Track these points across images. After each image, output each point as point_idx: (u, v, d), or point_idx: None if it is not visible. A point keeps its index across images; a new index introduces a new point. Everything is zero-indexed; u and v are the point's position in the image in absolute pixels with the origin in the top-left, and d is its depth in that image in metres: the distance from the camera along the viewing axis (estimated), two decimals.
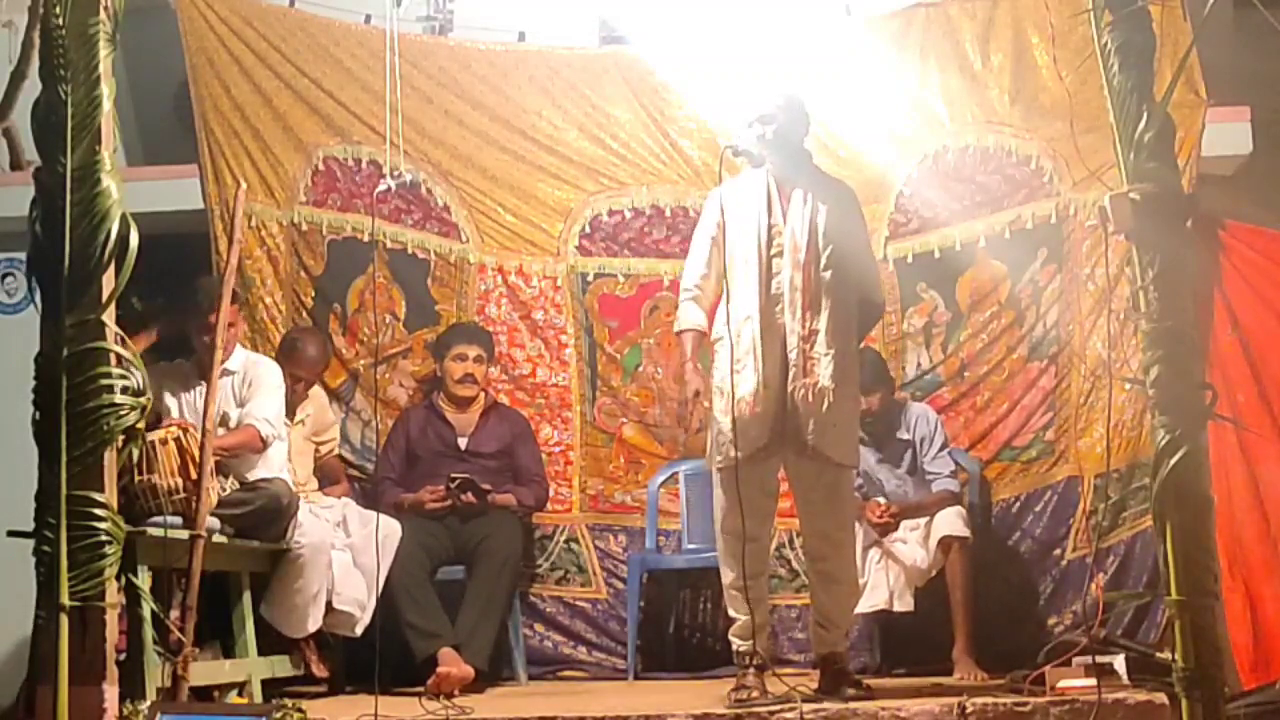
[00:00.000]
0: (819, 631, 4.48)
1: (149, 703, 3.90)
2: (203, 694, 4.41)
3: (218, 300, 4.50)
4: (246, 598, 4.82)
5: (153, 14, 6.01)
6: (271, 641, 5.00)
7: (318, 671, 5.21)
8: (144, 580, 4.17)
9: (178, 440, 4.49)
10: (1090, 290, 5.59)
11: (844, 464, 4.42)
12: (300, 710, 3.99)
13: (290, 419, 5.35)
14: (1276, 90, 6.02)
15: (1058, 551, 5.60)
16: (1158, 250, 3.53)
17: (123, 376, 3.80)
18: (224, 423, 4.91)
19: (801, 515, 4.49)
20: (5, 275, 6.79)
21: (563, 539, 6.00)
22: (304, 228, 6.03)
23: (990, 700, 3.92)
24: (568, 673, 5.83)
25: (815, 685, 4.42)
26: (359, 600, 5.15)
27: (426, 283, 6.11)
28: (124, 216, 3.85)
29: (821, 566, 4.45)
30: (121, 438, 3.82)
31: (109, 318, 3.85)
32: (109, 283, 3.85)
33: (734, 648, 4.42)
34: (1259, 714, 4.30)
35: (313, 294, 6.03)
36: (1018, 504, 5.71)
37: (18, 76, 6.17)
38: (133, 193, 4.14)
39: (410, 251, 6.10)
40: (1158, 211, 3.52)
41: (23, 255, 6.16)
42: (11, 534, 4.17)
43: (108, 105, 3.88)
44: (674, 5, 6.05)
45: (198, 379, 4.98)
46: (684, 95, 6.04)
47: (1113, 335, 5.20)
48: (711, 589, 5.67)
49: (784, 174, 4.46)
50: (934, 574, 5.27)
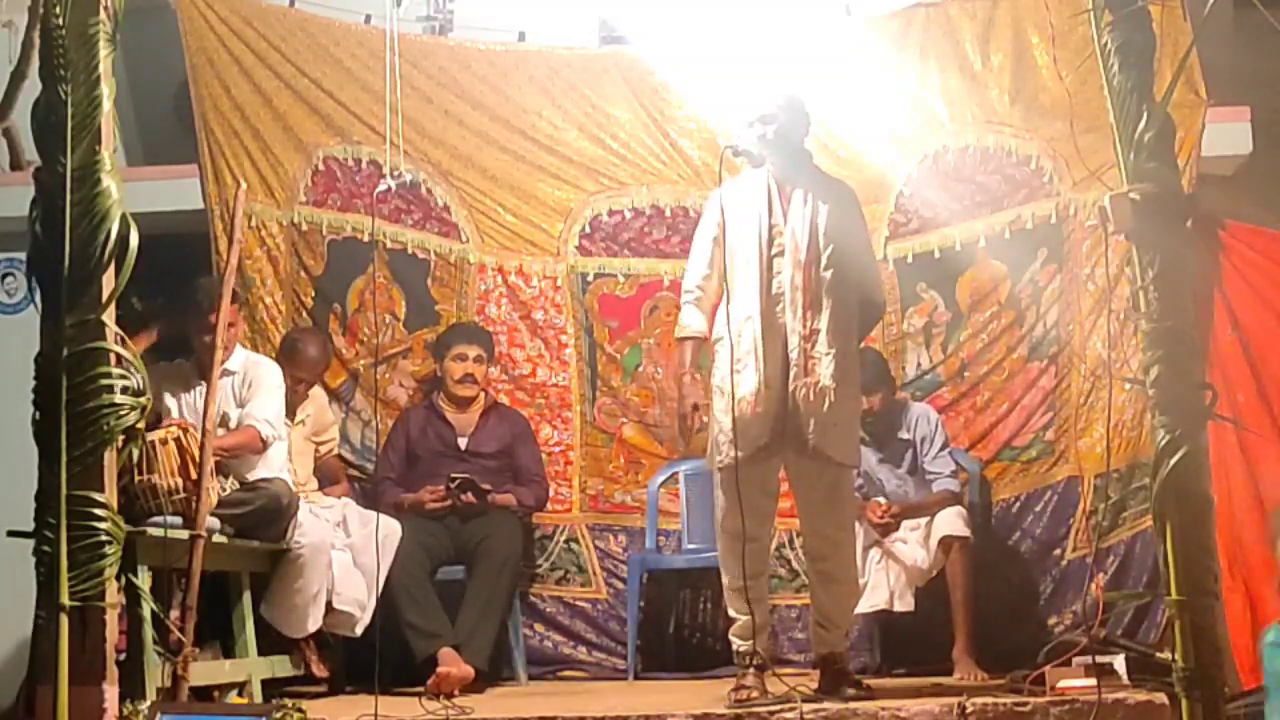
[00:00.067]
0: (819, 631, 4.48)
1: (149, 703, 3.90)
2: (203, 694, 4.41)
3: (218, 300, 4.50)
4: (246, 598, 4.82)
5: (153, 14, 6.01)
6: (271, 641, 5.00)
7: (318, 671, 5.20)
8: (144, 580, 4.17)
9: (178, 440, 4.49)
10: (1090, 290, 5.58)
11: (845, 464, 4.42)
12: (300, 710, 3.99)
13: (290, 419, 5.34)
14: (1276, 90, 6.01)
15: (1058, 551, 5.60)
16: (1158, 250, 3.53)
17: (123, 376, 3.80)
18: (224, 423, 4.90)
19: (802, 515, 4.49)
20: (5, 275, 6.79)
21: (563, 539, 6.00)
22: (304, 228, 6.03)
23: (990, 700, 3.92)
24: (568, 673, 5.82)
25: (815, 685, 4.42)
26: (359, 600, 5.15)
27: (426, 283, 6.11)
28: (124, 216, 3.85)
29: (821, 566, 4.45)
30: (121, 438, 3.82)
31: (109, 318, 3.85)
32: (109, 283, 3.85)
33: (734, 648, 4.42)
34: (1259, 714, 4.30)
35: (313, 294, 6.03)
36: (1018, 504, 5.71)
37: (18, 76, 6.16)
38: (133, 193, 4.14)
39: (410, 251, 6.10)
40: (1158, 211, 3.52)
41: (23, 255, 6.16)
42: (11, 534, 4.17)
43: (108, 105, 3.88)
44: (674, 5, 6.05)
45: (198, 379, 4.98)
46: (684, 95, 6.04)
47: (1113, 335, 5.20)
48: (711, 589, 5.66)
49: (784, 174, 4.45)
50: (934, 574, 5.27)
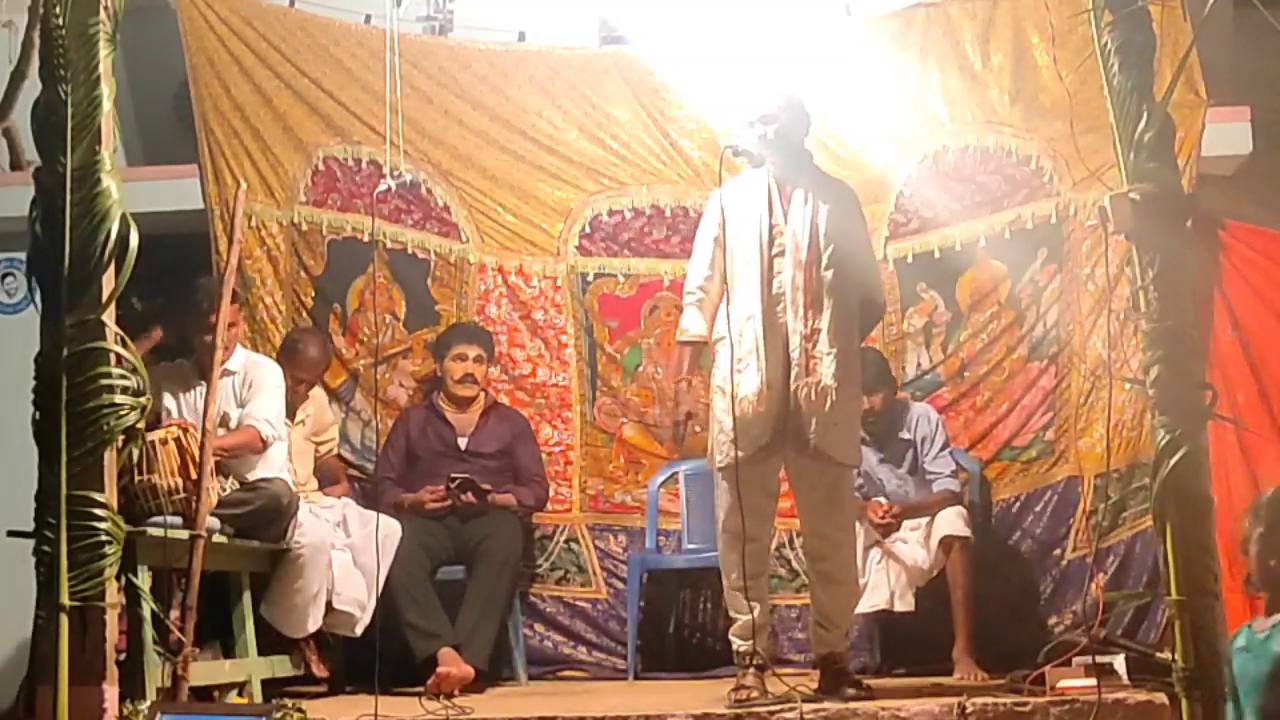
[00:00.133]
0: (819, 631, 4.48)
1: (149, 703, 3.90)
2: (203, 694, 4.41)
3: (218, 300, 4.50)
4: (246, 598, 4.82)
5: (153, 14, 6.01)
6: (271, 641, 5.00)
7: (318, 671, 5.20)
8: (144, 580, 4.17)
9: (178, 440, 4.49)
10: (1090, 290, 5.58)
11: (845, 463, 4.43)
12: (300, 710, 3.99)
13: (290, 419, 5.34)
14: (1276, 90, 6.01)
15: (1058, 551, 5.60)
16: (1158, 250, 3.53)
17: (123, 376, 3.80)
18: (224, 423, 4.90)
19: (802, 515, 4.49)
20: (5, 275, 6.79)
21: (563, 539, 6.00)
22: (304, 228, 6.03)
23: (990, 700, 3.93)
24: (568, 673, 5.82)
25: (815, 685, 4.42)
26: (359, 600, 5.15)
27: (426, 283, 6.11)
28: (124, 216, 3.85)
29: (821, 566, 4.45)
30: (121, 438, 3.82)
31: (109, 318, 3.85)
32: (109, 283, 3.85)
33: (734, 648, 4.42)
34: None
35: (313, 294, 6.03)
36: (1018, 504, 5.71)
37: (18, 76, 6.17)
38: (133, 193, 4.14)
39: (410, 251, 6.10)
40: (1158, 211, 3.52)
41: (23, 255, 6.16)
42: (11, 534, 4.16)
43: (108, 105, 3.88)
44: (674, 5, 6.05)
45: (198, 379, 4.98)
46: (684, 95, 6.04)
47: (1113, 335, 5.20)
48: (711, 589, 5.67)
49: (785, 174, 4.45)
50: (934, 574, 5.26)
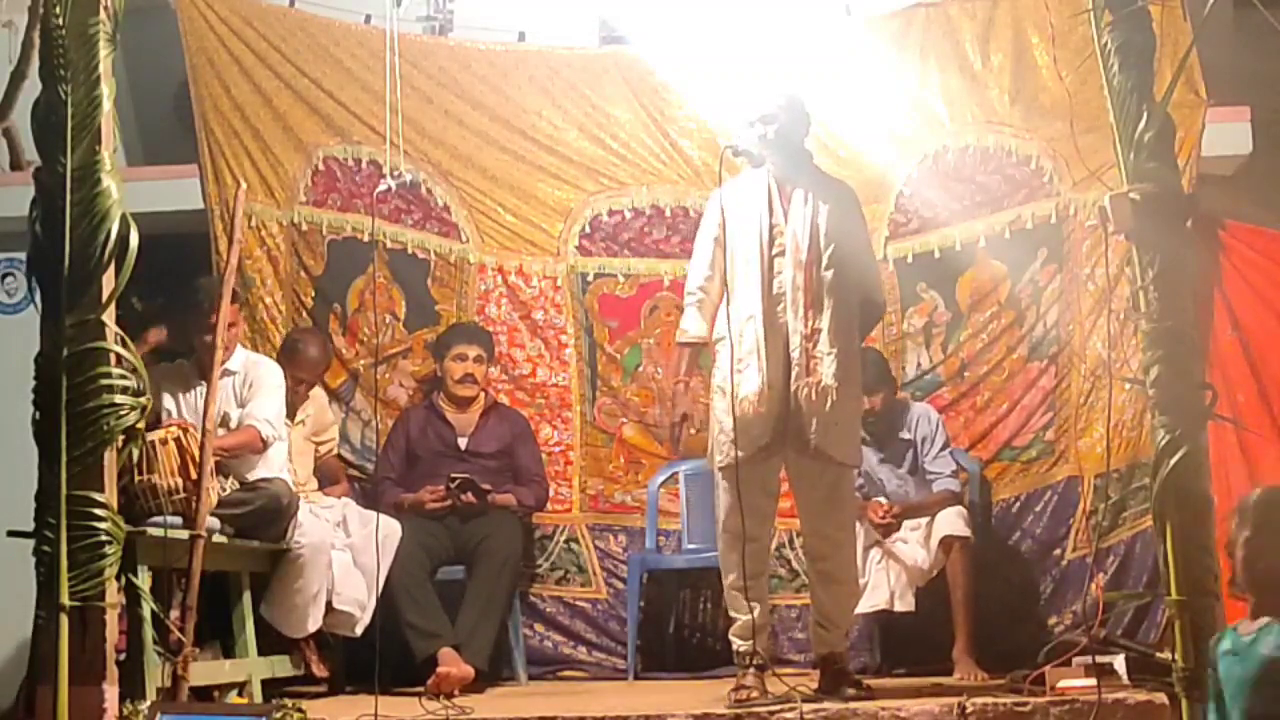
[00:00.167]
0: (819, 631, 4.48)
1: (149, 703, 3.90)
2: (203, 694, 4.40)
3: (218, 300, 4.50)
4: (246, 598, 4.82)
5: (153, 14, 6.01)
6: (271, 641, 4.99)
7: (318, 671, 5.20)
8: (144, 580, 4.16)
9: (178, 440, 4.48)
10: (1090, 290, 5.58)
11: (846, 463, 4.43)
12: (300, 710, 3.99)
13: (290, 419, 5.34)
14: (1276, 90, 6.01)
15: (1058, 551, 5.59)
16: (1158, 250, 3.53)
17: (123, 376, 3.81)
18: (224, 423, 4.89)
19: (802, 515, 4.49)
20: (5, 275, 6.79)
21: (563, 539, 6.00)
22: (304, 228, 6.03)
23: (990, 700, 3.93)
24: (568, 673, 5.82)
25: (815, 685, 4.42)
26: (359, 600, 5.15)
27: (426, 283, 6.10)
28: (124, 216, 3.85)
29: (822, 566, 4.45)
30: (121, 438, 3.83)
31: (109, 318, 3.85)
32: (109, 283, 3.85)
33: (734, 648, 4.42)
34: None
35: (313, 294, 6.03)
36: (1018, 504, 5.70)
37: (18, 76, 6.16)
38: (133, 193, 4.15)
39: (410, 251, 6.09)
40: (1158, 211, 3.53)
41: (23, 255, 6.16)
42: (11, 534, 4.16)
43: (108, 105, 3.88)
44: (674, 5, 6.05)
45: (198, 379, 4.97)
46: (684, 95, 6.03)
47: (1113, 335, 5.19)
48: (711, 589, 5.66)
49: (785, 174, 4.45)
50: (934, 574, 5.26)
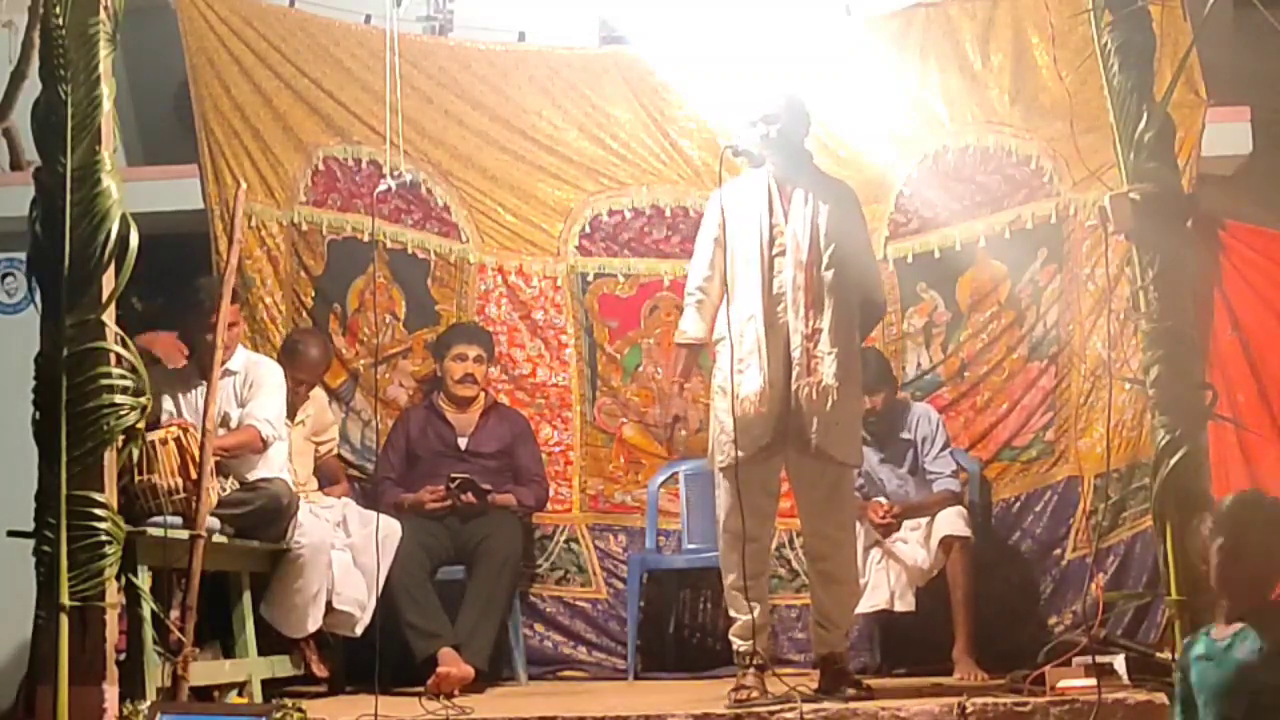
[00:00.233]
0: (819, 631, 4.48)
1: (149, 703, 3.90)
2: (203, 694, 4.40)
3: (218, 300, 4.50)
4: (246, 598, 4.82)
5: (153, 14, 6.01)
6: (271, 641, 4.99)
7: (318, 671, 5.20)
8: (144, 580, 4.16)
9: (178, 440, 4.48)
10: (1090, 290, 5.58)
11: (847, 463, 4.43)
12: (300, 710, 3.99)
13: (291, 419, 5.34)
14: (1276, 90, 6.01)
15: (1058, 551, 5.59)
16: (1158, 250, 3.54)
17: (123, 376, 3.81)
18: (225, 423, 4.89)
19: (802, 515, 4.49)
20: (5, 275, 6.79)
21: (563, 539, 6.00)
22: (304, 228, 6.03)
23: (990, 700, 3.92)
24: (568, 673, 5.82)
25: (815, 685, 4.41)
26: (359, 600, 5.15)
27: (426, 283, 6.10)
28: (124, 216, 3.86)
29: (822, 566, 4.45)
30: (121, 438, 3.83)
31: (109, 318, 3.86)
32: (109, 283, 3.85)
33: (734, 648, 4.42)
34: None
35: (313, 294, 6.03)
36: (1018, 504, 5.70)
37: (18, 76, 6.17)
38: (133, 193, 4.15)
39: (410, 251, 6.09)
40: (1158, 211, 3.53)
41: (23, 255, 6.15)
42: (11, 534, 4.16)
43: (108, 105, 3.89)
44: (674, 5, 6.05)
45: (198, 379, 4.97)
46: (684, 95, 6.03)
47: (1113, 335, 5.19)
48: (711, 589, 5.66)
49: (785, 174, 4.45)
50: (935, 574, 5.26)
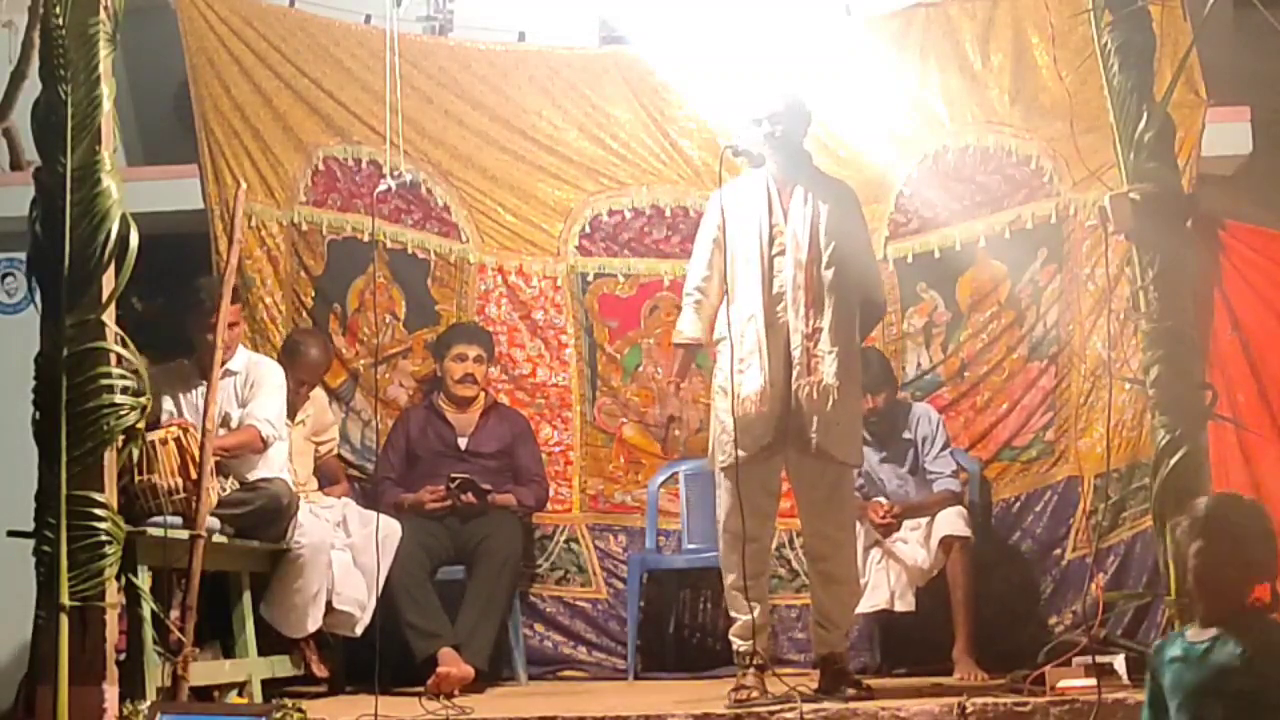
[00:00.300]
0: (819, 631, 4.48)
1: (149, 703, 3.90)
2: (203, 694, 4.40)
3: (218, 300, 4.50)
4: (246, 598, 4.82)
5: (153, 14, 6.01)
6: (271, 641, 4.99)
7: (318, 671, 5.20)
8: (144, 580, 4.16)
9: (178, 440, 4.48)
10: (1090, 290, 5.58)
11: (847, 463, 4.43)
12: (300, 710, 3.99)
13: (291, 419, 5.34)
14: (1276, 90, 6.01)
15: (1058, 551, 5.59)
16: (1158, 250, 3.54)
17: (123, 376, 3.81)
18: (225, 423, 4.89)
19: (803, 515, 4.49)
20: (5, 275, 6.79)
21: (563, 539, 6.00)
22: (304, 228, 6.03)
23: (990, 700, 3.93)
24: (568, 673, 5.82)
25: (815, 685, 4.42)
26: (359, 600, 5.15)
27: (426, 283, 6.10)
28: (124, 216, 3.86)
29: (822, 566, 4.45)
30: (121, 438, 3.83)
31: (109, 318, 3.86)
32: (109, 283, 3.85)
33: (734, 648, 4.42)
34: None
35: (313, 294, 6.03)
36: (1018, 504, 5.70)
37: (18, 76, 6.16)
38: (133, 193, 4.15)
39: (410, 251, 6.09)
40: (1158, 211, 3.53)
41: (23, 255, 6.15)
42: (11, 534, 4.16)
43: (108, 105, 3.89)
44: (674, 5, 6.05)
45: (199, 379, 4.97)
46: (684, 95, 6.03)
47: (1113, 335, 5.19)
48: (711, 589, 5.66)
49: (785, 174, 4.46)
50: (935, 574, 5.26)
